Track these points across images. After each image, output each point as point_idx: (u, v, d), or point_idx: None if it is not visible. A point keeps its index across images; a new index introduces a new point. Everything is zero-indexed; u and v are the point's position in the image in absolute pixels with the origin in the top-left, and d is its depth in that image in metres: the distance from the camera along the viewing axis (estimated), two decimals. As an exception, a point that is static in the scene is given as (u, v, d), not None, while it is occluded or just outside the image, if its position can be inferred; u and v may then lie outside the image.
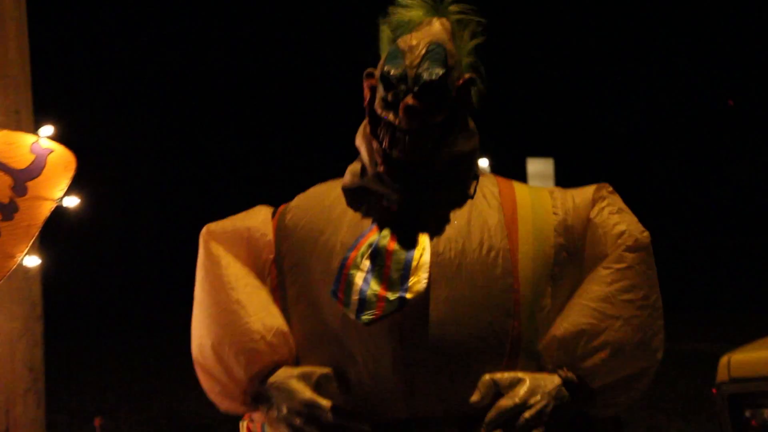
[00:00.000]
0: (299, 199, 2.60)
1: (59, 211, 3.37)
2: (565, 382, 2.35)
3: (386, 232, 2.41)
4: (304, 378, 2.39)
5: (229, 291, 2.48)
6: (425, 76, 2.39)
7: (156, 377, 10.97)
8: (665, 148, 31.36)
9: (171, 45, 23.00)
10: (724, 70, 30.41)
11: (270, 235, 2.55)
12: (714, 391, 4.78)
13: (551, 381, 2.34)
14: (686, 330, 10.88)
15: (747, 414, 4.63)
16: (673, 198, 29.23)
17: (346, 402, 2.40)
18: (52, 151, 3.35)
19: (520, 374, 2.34)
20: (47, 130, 3.40)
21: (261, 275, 2.55)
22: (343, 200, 2.53)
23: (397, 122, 2.39)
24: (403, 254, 2.38)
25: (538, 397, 2.31)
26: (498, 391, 2.32)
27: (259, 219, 2.59)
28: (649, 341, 2.42)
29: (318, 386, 2.38)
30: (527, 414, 2.29)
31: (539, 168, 24.41)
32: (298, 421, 2.35)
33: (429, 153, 2.41)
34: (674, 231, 24.06)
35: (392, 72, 2.41)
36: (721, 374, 4.76)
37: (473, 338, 2.37)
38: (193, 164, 23.76)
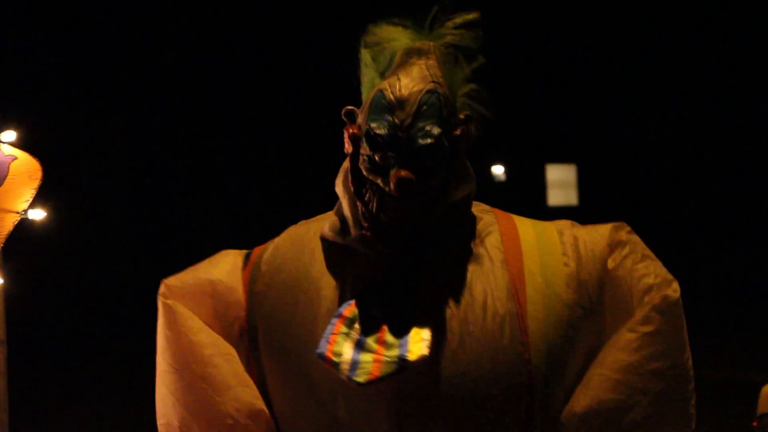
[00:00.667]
0: (274, 248, 2.53)
1: (24, 225, 3.38)
2: None
3: (375, 303, 2.37)
4: None
5: (194, 365, 2.44)
6: (419, 140, 2.31)
7: (133, 408, 11.02)
8: (699, 155, 31.30)
9: (145, 46, 23.18)
10: (757, 74, 30.54)
11: (239, 290, 2.51)
12: (755, 423, 4.80)
13: None
14: (723, 357, 10.89)
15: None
16: (705, 210, 29.25)
17: None
18: (15, 159, 3.35)
19: None
20: (9, 135, 3.41)
21: (229, 336, 2.51)
22: (321, 253, 2.48)
23: (387, 189, 2.31)
24: (397, 330, 2.35)
25: None
26: None
27: (225, 270, 2.53)
28: (681, 412, 2.41)
29: None
30: None
31: (560, 175, 24.41)
32: None
33: (422, 215, 2.36)
34: (708, 246, 24.09)
35: (380, 132, 2.32)
36: (763, 405, 4.78)
37: (481, 418, 2.36)
38: (169, 173, 23.88)
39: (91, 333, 16.40)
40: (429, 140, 2.30)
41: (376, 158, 2.32)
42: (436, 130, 2.31)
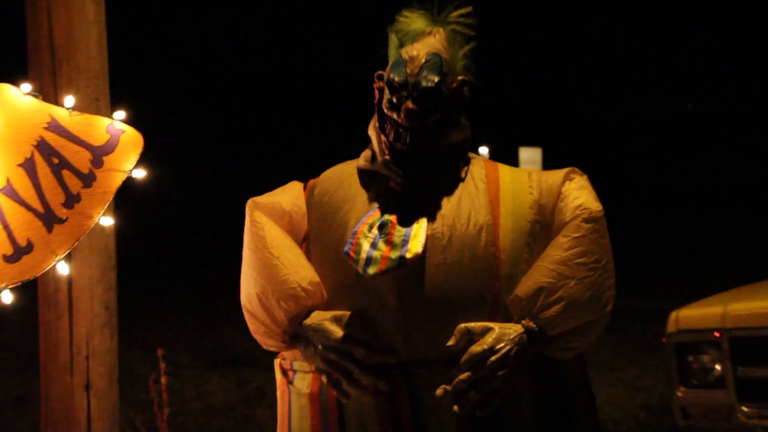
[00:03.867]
0: (324, 177, 2.59)
1: (129, 181, 3.40)
2: (527, 331, 2.33)
3: (391, 210, 2.42)
4: (336, 320, 2.37)
5: (271, 249, 2.45)
6: (423, 83, 2.38)
7: (208, 319, 11.00)
8: (638, 141, 31.55)
9: (223, 43, 23.12)
10: (685, 78, 30.52)
11: (304, 208, 2.55)
12: (664, 340, 4.80)
13: (515, 330, 2.32)
14: (644, 290, 10.82)
15: (690, 359, 4.65)
16: (639, 182, 29.26)
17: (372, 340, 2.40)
18: (123, 132, 3.37)
19: (490, 324, 2.32)
20: (120, 114, 3.42)
21: (296, 238, 2.54)
22: (357, 180, 2.52)
23: (400, 121, 2.39)
24: (404, 227, 2.38)
25: (503, 343, 2.29)
26: (471, 338, 2.31)
27: (294, 193, 2.57)
28: (599, 297, 2.39)
29: (348, 327, 2.37)
30: (493, 358, 2.27)
31: (529, 156, 24.23)
32: (333, 356, 2.34)
33: (426, 145, 2.41)
34: (641, 208, 24.04)
35: (396, 79, 2.40)
36: (671, 326, 4.78)
37: (460, 296, 2.37)
38: (239, 146, 23.87)
39: (179, 263, 16.35)
40: (430, 84, 2.38)
41: (394, 99, 2.40)
42: (436, 78, 2.39)
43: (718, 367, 4.63)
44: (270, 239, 2.48)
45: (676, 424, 4.78)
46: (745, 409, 4.56)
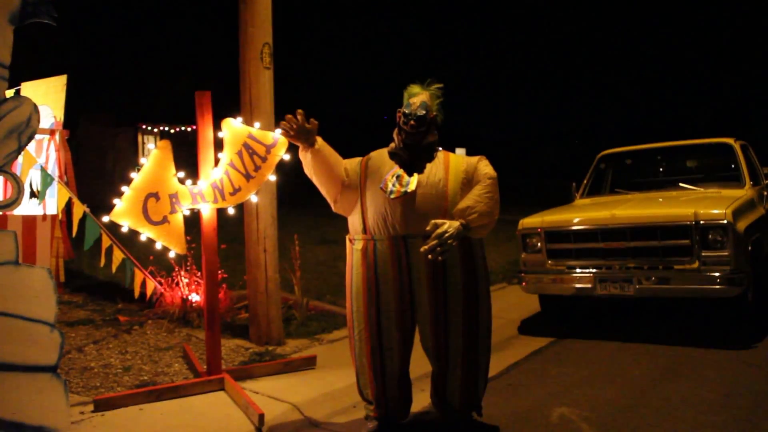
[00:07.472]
0: (373, 155, 2.55)
1: (281, 161, 3.41)
2: (462, 225, 2.31)
3: (401, 171, 2.41)
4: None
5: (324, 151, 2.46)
6: (418, 113, 2.40)
7: (315, 222, 10.90)
8: (508, 147, 31.28)
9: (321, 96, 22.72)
10: (525, 116, 29.93)
11: (357, 167, 2.51)
12: (517, 233, 4.84)
13: (456, 223, 2.30)
14: (512, 210, 10.73)
15: (527, 240, 4.66)
16: (511, 163, 28.95)
17: (379, 221, 2.39)
18: (279, 138, 3.41)
19: (445, 220, 2.31)
20: (278, 131, 3.43)
21: (352, 173, 2.49)
22: (387, 157, 2.50)
23: (407, 129, 2.40)
24: (407, 178, 2.38)
25: (452, 229, 2.27)
26: (437, 225, 2.29)
27: (354, 161, 2.55)
28: (492, 212, 2.38)
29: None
30: (447, 234, 2.26)
31: (460, 151, 24.03)
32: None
33: (418, 142, 2.41)
34: (512, 175, 23.79)
35: (406, 111, 2.42)
36: (519, 226, 4.79)
37: (430, 207, 2.36)
38: (329, 140, 23.51)
39: (307, 199, 16.09)
40: (421, 114, 2.36)
41: (404, 120, 2.38)
42: (423, 112, 2.37)
43: (539, 244, 4.66)
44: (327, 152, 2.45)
45: (520, 269, 4.83)
46: (550, 261, 4.59)
